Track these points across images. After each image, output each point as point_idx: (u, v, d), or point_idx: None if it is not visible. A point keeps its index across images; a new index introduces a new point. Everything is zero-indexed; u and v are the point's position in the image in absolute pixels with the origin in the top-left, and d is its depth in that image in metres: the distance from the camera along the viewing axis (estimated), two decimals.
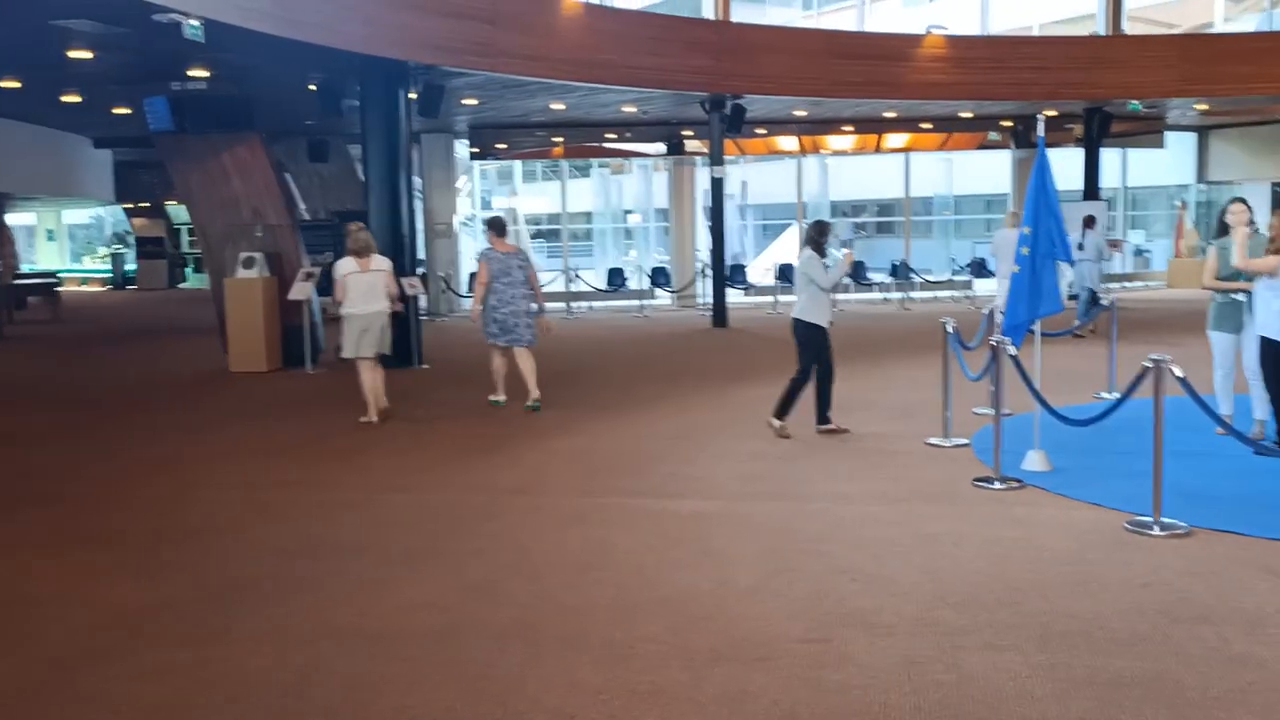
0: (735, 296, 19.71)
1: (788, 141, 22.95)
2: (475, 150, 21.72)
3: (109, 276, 31.73)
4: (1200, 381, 6.00)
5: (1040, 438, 6.82)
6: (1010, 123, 21.79)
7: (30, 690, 3.92)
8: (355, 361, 9.08)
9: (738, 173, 27.97)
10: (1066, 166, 18.60)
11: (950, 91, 17.84)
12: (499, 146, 21.93)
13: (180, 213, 28.80)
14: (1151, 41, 19.44)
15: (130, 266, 31.28)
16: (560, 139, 21.91)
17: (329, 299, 9.51)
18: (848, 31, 20.03)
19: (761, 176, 29.16)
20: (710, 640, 4.17)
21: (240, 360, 12.49)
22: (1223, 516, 5.59)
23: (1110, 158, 21.99)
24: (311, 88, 14.08)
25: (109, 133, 20.16)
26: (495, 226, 9.69)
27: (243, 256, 12.62)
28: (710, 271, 18.19)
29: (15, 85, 13.92)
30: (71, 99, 15.28)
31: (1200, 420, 6.08)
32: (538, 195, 32.21)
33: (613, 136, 22.15)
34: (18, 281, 22.78)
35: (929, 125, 22.02)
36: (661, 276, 21.98)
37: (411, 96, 13.47)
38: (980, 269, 21.78)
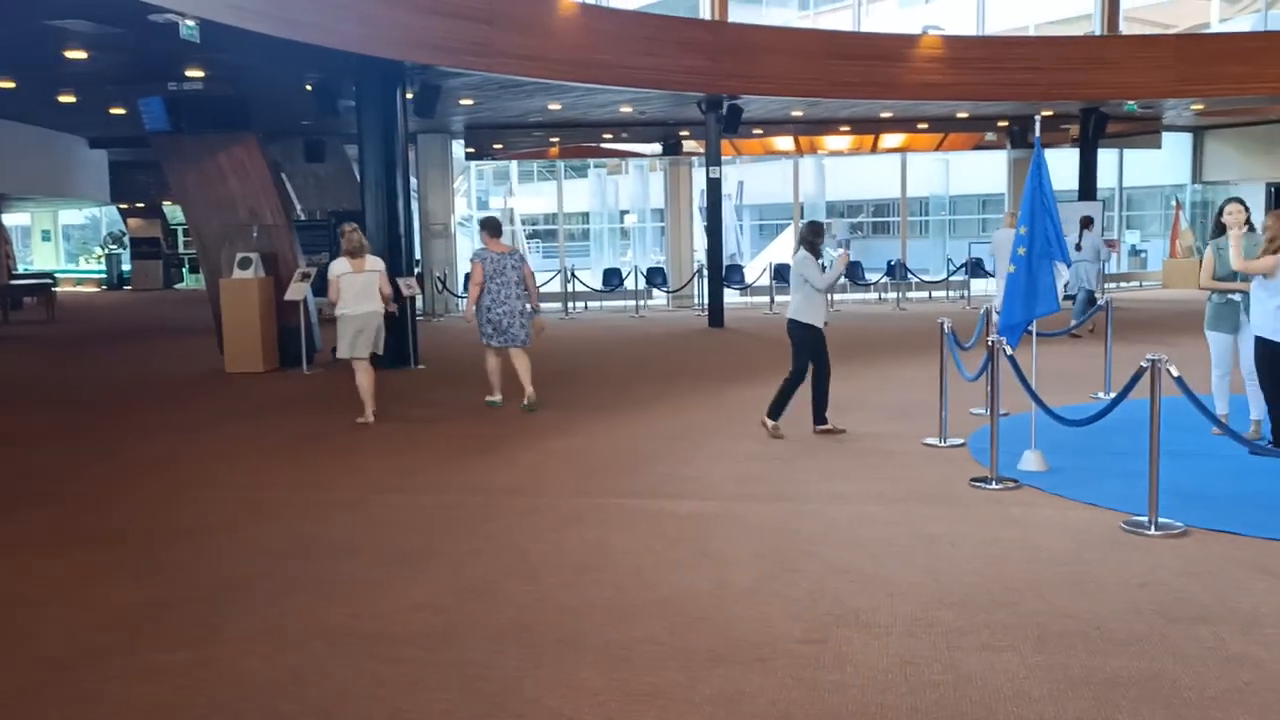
0: (732, 297, 19.72)
1: (784, 142, 22.96)
2: (471, 150, 21.72)
3: (104, 277, 31.67)
4: (1197, 381, 6.00)
5: (1037, 438, 6.83)
6: (1006, 123, 21.82)
7: (27, 690, 3.91)
8: (350, 362, 9.09)
9: (734, 173, 27.99)
10: (1062, 167, 18.66)
11: (946, 92, 17.86)
12: (495, 146, 21.94)
13: (176, 213, 28.78)
14: (1147, 42, 19.46)
15: (126, 267, 31.22)
16: (557, 139, 21.91)
17: (324, 299, 9.51)
18: (844, 32, 20.02)
19: (758, 177, 29.20)
20: (708, 641, 4.17)
21: (236, 361, 12.48)
22: (1219, 516, 5.60)
23: (1106, 158, 22.01)
24: (308, 88, 14.07)
25: (104, 133, 20.15)
26: (489, 227, 9.68)
27: (239, 257, 12.61)
28: (707, 272, 18.20)
29: (10, 85, 13.90)
30: (67, 99, 15.26)
31: (1196, 420, 6.09)
32: (534, 195, 32.21)
33: (609, 137, 22.15)
34: (13, 282, 22.78)
35: (925, 125, 22.05)
36: (658, 277, 22.00)
37: (408, 96, 13.47)
38: (976, 269, 21.81)
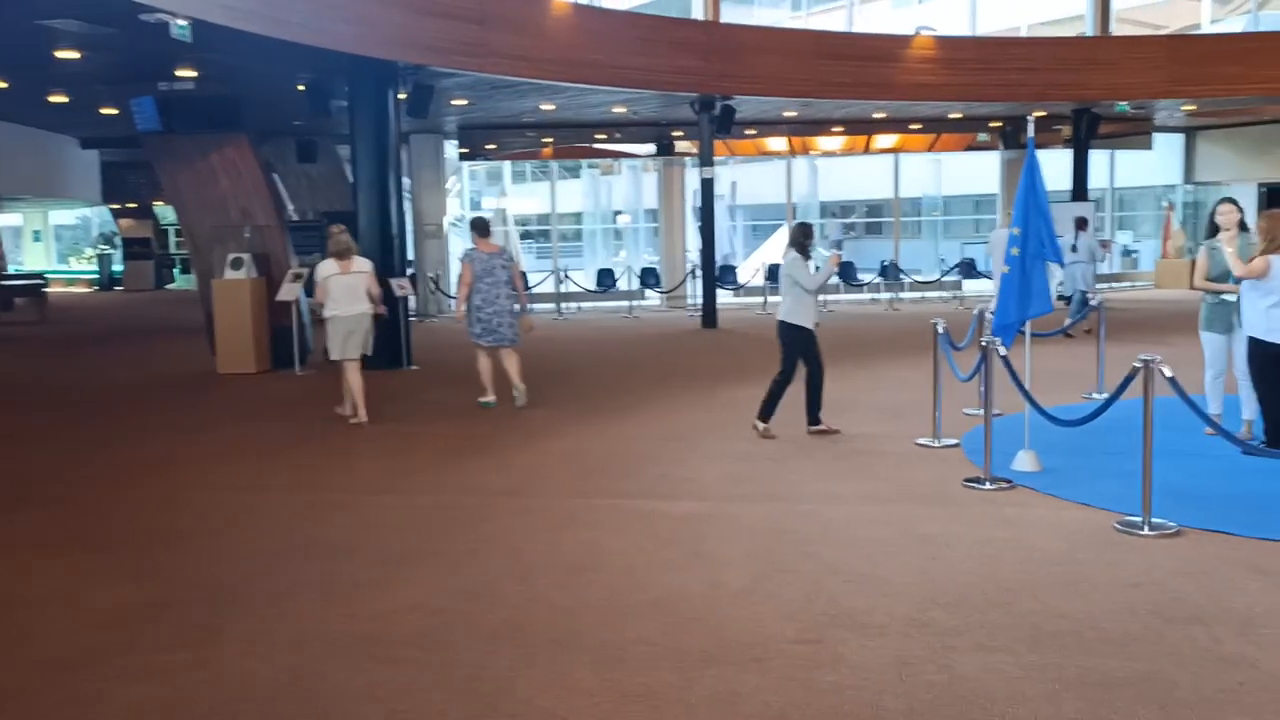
0: (725, 297, 19.74)
1: (777, 142, 22.98)
2: (464, 151, 21.69)
3: (96, 278, 31.58)
4: (1190, 381, 6.02)
5: (1030, 438, 6.84)
6: (999, 124, 21.87)
7: (25, 691, 3.90)
8: (342, 363, 9.09)
9: (727, 173, 28.00)
10: (1055, 167, 18.69)
11: (939, 93, 17.88)
12: (488, 147, 21.91)
13: (167, 213, 28.69)
14: (1139, 43, 19.52)
15: (117, 267, 31.14)
16: (550, 140, 21.90)
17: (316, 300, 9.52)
18: (837, 32, 20.06)
19: (751, 177, 29.20)
20: (702, 642, 4.17)
21: (228, 361, 12.44)
22: (1212, 516, 5.61)
23: (1098, 159, 22.08)
24: (300, 88, 14.03)
25: (96, 133, 20.07)
26: (478, 227, 9.73)
27: (231, 257, 12.57)
28: (700, 272, 18.20)
29: (2, 85, 13.83)
30: (58, 99, 15.20)
31: (1189, 420, 6.10)
32: (527, 196, 32.18)
33: (602, 137, 22.14)
34: (4, 283, 22.68)
35: (918, 126, 22.08)
36: (651, 277, 21.99)
37: (400, 97, 13.45)
38: (969, 269, 21.84)
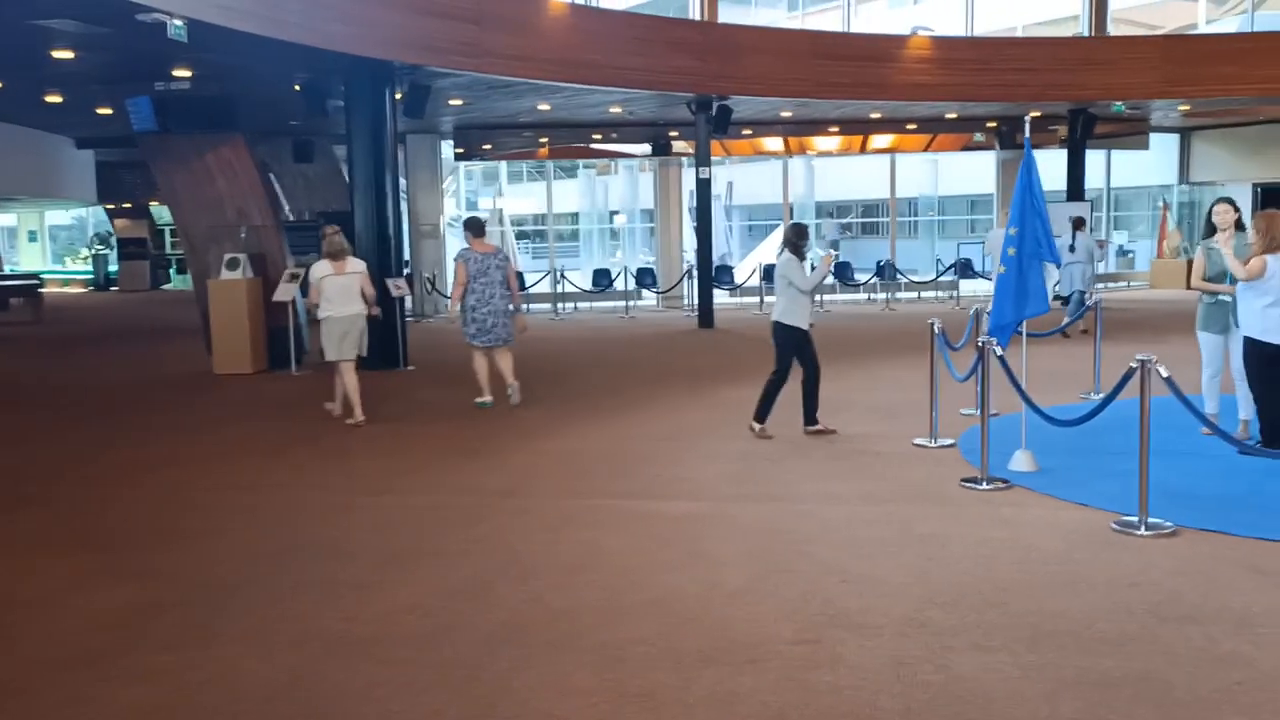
0: (721, 297, 19.74)
1: (773, 142, 22.98)
2: (461, 151, 21.67)
3: (91, 278, 31.52)
4: (1187, 381, 6.02)
5: (1027, 438, 6.84)
6: (995, 124, 21.88)
7: (23, 691, 3.90)
8: (338, 364, 9.08)
9: (724, 173, 28.01)
10: (1051, 167, 18.70)
11: (935, 93, 17.89)
12: (485, 147, 21.88)
13: (163, 213, 28.63)
14: (1135, 43, 19.53)
15: (113, 268, 31.08)
16: (546, 140, 21.88)
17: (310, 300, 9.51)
18: (833, 32, 20.03)
19: (747, 177, 29.21)
20: (699, 642, 4.17)
21: (225, 362, 12.42)
22: (1209, 516, 5.62)
23: (1094, 159, 22.09)
24: (296, 88, 14.02)
25: (91, 133, 20.03)
26: (472, 227, 9.74)
27: (227, 258, 12.55)
28: (696, 272, 18.19)
29: None
30: (54, 99, 15.17)
31: (1186, 420, 6.11)
32: (523, 196, 32.16)
33: (599, 137, 22.13)
34: (0, 283, 22.63)
35: (914, 126, 22.08)
36: (647, 277, 21.98)
37: (397, 97, 13.43)
38: (965, 269, 21.85)
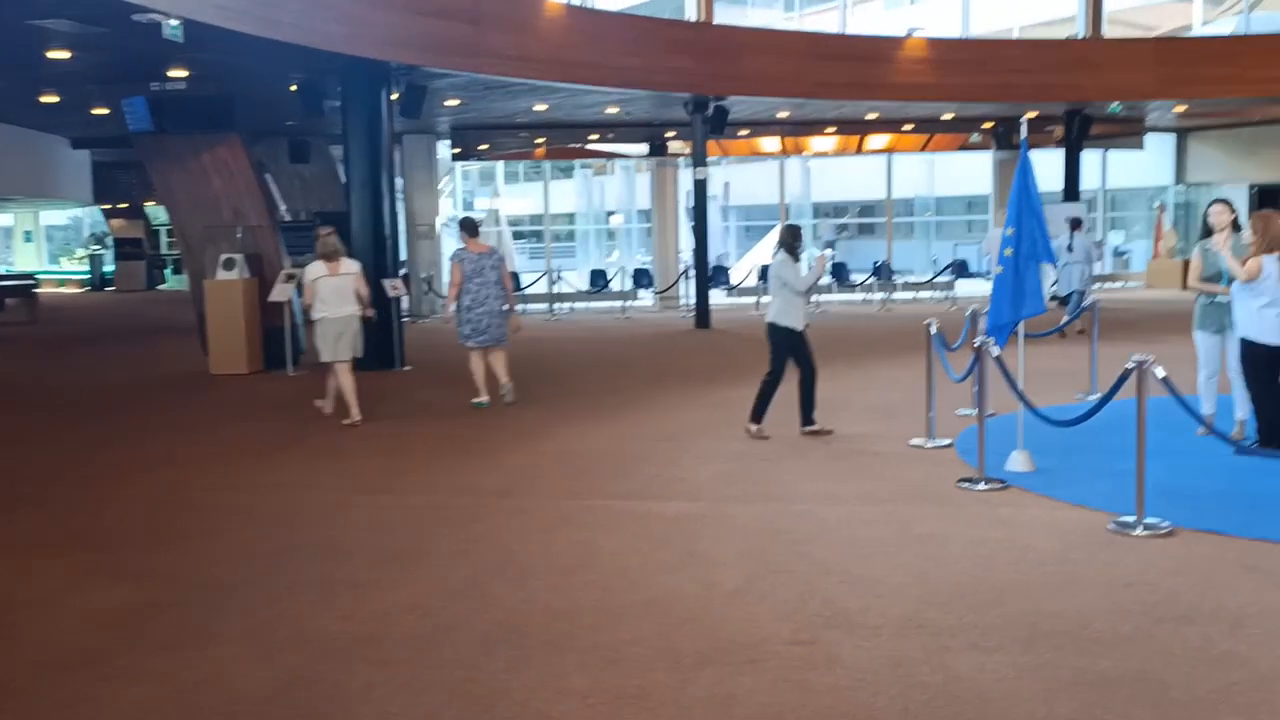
0: (718, 297, 19.74)
1: (770, 143, 22.99)
2: (457, 151, 21.67)
3: (87, 278, 31.47)
4: (1183, 382, 6.03)
5: (1024, 438, 6.84)
6: (991, 124, 21.90)
7: (18, 693, 3.89)
8: (333, 365, 9.08)
9: (720, 174, 28.02)
10: (1047, 168, 18.74)
11: (932, 93, 17.90)
12: (481, 147, 21.88)
13: (159, 214, 28.62)
14: (1130, 44, 19.56)
15: (108, 268, 31.04)
16: (543, 140, 21.87)
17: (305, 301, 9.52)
18: (830, 33, 20.04)
19: (744, 178, 29.23)
20: (696, 643, 4.16)
21: (221, 362, 12.41)
22: (1205, 516, 5.63)
23: (1090, 159, 22.12)
24: (292, 88, 14.00)
25: (87, 133, 19.99)
26: (467, 227, 9.76)
27: (223, 258, 12.54)
28: (693, 272, 18.20)
29: None
30: (49, 99, 15.15)
31: (1182, 420, 6.12)
32: (520, 196, 32.15)
33: (595, 138, 22.14)
34: None
35: (911, 127, 22.11)
36: (644, 278, 21.98)
37: (393, 97, 13.43)
38: (962, 270, 21.87)
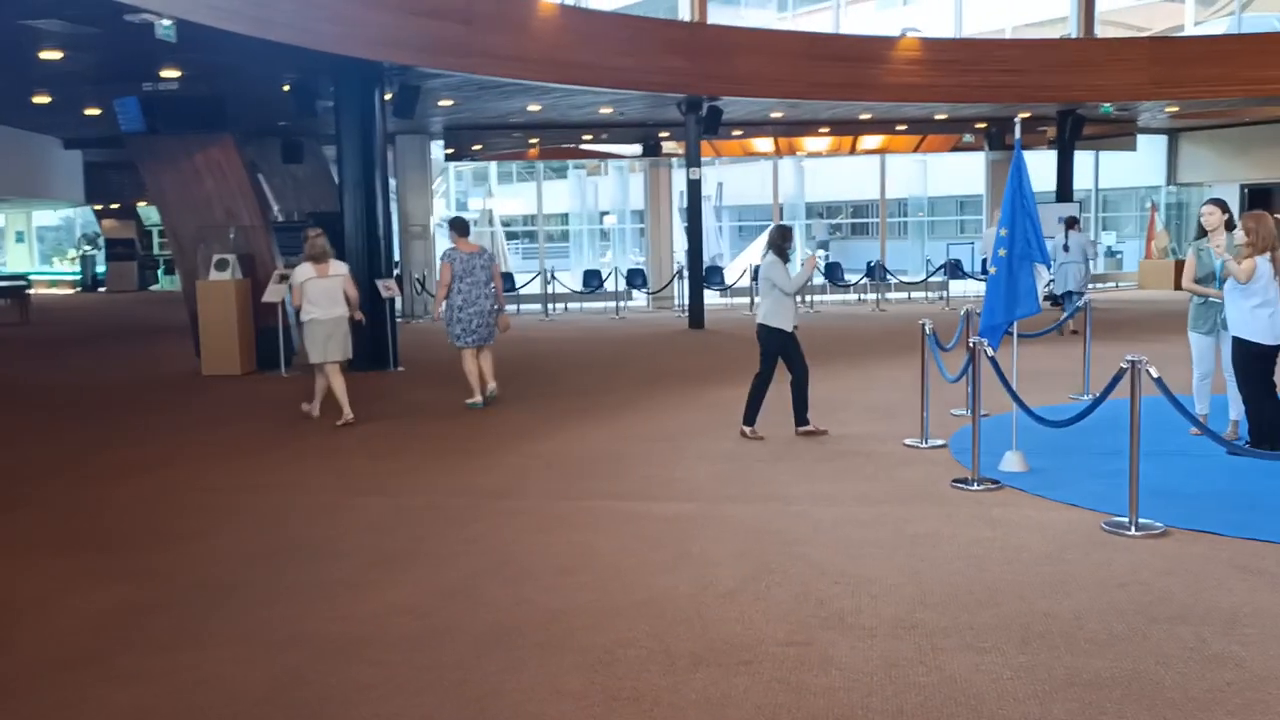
0: (712, 298, 19.76)
1: (763, 143, 23.00)
2: (450, 151, 21.64)
3: (79, 279, 31.38)
4: (1177, 382, 6.04)
5: (1018, 439, 6.85)
6: (984, 125, 21.94)
7: (14, 694, 3.87)
8: (324, 366, 9.06)
9: (713, 174, 28.03)
10: (1039, 168, 18.76)
11: (925, 94, 17.93)
12: (475, 148, 21.86)
13: (151, 214, 28.56)
14: (1123, 45, 19.60)
15: (100, 269, 30.95)
16: (536, 140, 21.86)
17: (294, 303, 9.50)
18: (824, 34, 20.08)
19: (738, 178, 29.25)
20: (691, 644, 4.16)
21: (213, 363, 12.37)
22: (1198, 516, 5.63)
23: (1083, 160, 22.18)
24: (285, 88, 13.97)
25: (79, 133, 19.93)
26: (457, 227, 9.77)
27: (215, 258, 12.51)
28: (687, 273, 18.20)
29: None
30: (41, 100, 15.09)
31: (1176, 420, 6.12)
32: (513, 197, 32.14)
33: (589, 138, 22.12)
34: None
35: (904, 127, 22.13)
36: (638, 278, 21.98)
37: (386, 97, 13.40)
38: (955, 270, 21.91)
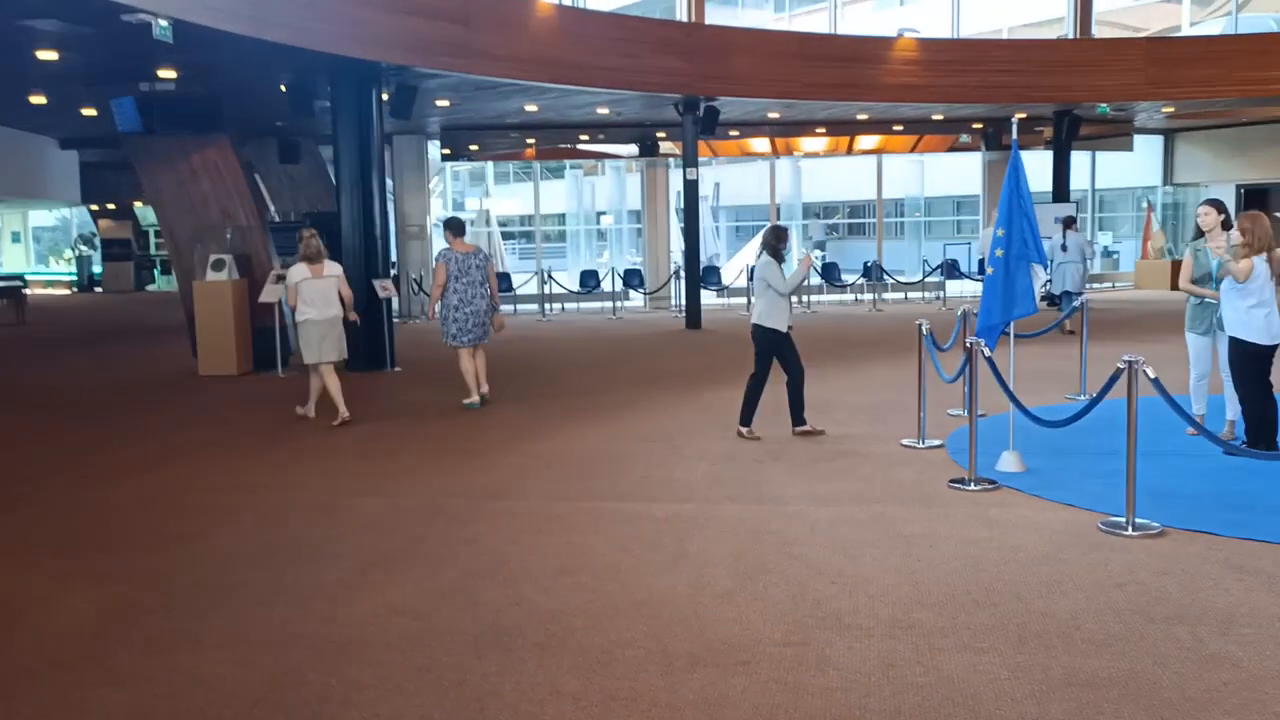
0: (709, 298, 19.76)
1: (760, 143, 23.01)
2: (447, 151, 21.64)
3: (75, 279, 31.34)
4: (1173, 382, 6.04)
5: (1014, 439, 6.86)
6: (981, 125, 21.96)
7: (6, 695, 3.85)
8: (318, 366, 9.06)
9: (710, 174, 28.03)
10: (1036, 169, 18.77)
11: (922, 94, 17.93)
12: (472, 148, 21.86)
13: (147, 214, 28.51)
14: (1119, 45, 19.61)
15: (97, 269, 30.90)
16: (533, 140, 21.85)
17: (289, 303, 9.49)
18: (820, 34, 20.05)
19: (734, 178, 29.26)
20: (688, 644, 4.16)
21: (210, 363, 12.36)
22: (1195, 516, 5.64)
23: (1079, 160, 22.19)
24: (282, 88, 13.96)
25: (75, 134, 19.91)
26: (453, 227, 9.78)
27: (212, 258, 12.49)
28: (684, 273, 18.20)
29: None
30: (37, 100, 15.07)
31: (1173, 420, 6.13)
32: (510, 197, 32.14)
33: (586, 138, 22.12)
34: None
35: (901, 127, 22.14)
36: (635, 278, 21.98)
37: (383, 97, 13.39)
38: (952, 270, 21.92)
